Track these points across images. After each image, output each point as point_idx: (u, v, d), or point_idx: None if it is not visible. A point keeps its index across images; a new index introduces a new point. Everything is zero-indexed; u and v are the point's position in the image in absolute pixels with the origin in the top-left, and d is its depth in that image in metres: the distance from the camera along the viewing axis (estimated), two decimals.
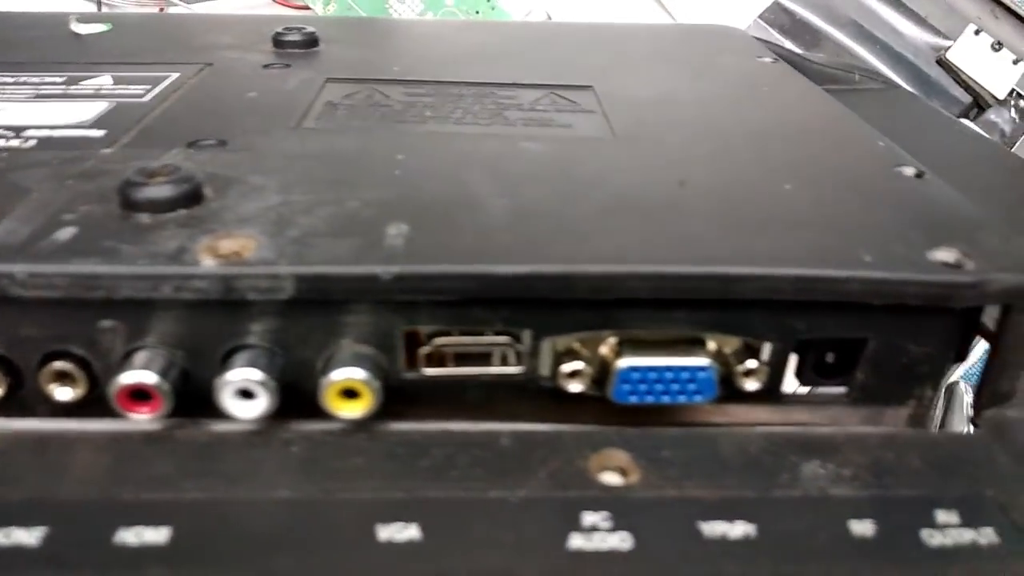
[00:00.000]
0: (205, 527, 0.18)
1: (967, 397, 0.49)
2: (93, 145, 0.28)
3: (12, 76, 0.34)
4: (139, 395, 0.21)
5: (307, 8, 0.63)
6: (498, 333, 0.22)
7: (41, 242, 0.21)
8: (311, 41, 0.40)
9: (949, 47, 0.65)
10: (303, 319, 0.21)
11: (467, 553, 0.18)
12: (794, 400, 0.24)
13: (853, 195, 0.26)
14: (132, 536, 0.18)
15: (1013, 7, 0.65)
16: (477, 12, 0.61)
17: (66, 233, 0.22)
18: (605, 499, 0.20)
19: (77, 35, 0.42)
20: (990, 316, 0.23)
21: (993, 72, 0.64)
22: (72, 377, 0.22)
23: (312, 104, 0.32)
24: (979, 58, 0.64)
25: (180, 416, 0.22)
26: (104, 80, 0.34)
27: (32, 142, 0.28)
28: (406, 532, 0.19)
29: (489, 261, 0.21)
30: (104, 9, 0.71)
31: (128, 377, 0.21)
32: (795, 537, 0.19)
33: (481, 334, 0.22)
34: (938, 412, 0.28)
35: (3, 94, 0.32)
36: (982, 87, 0.64)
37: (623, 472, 0.21)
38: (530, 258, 0.21)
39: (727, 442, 0.22)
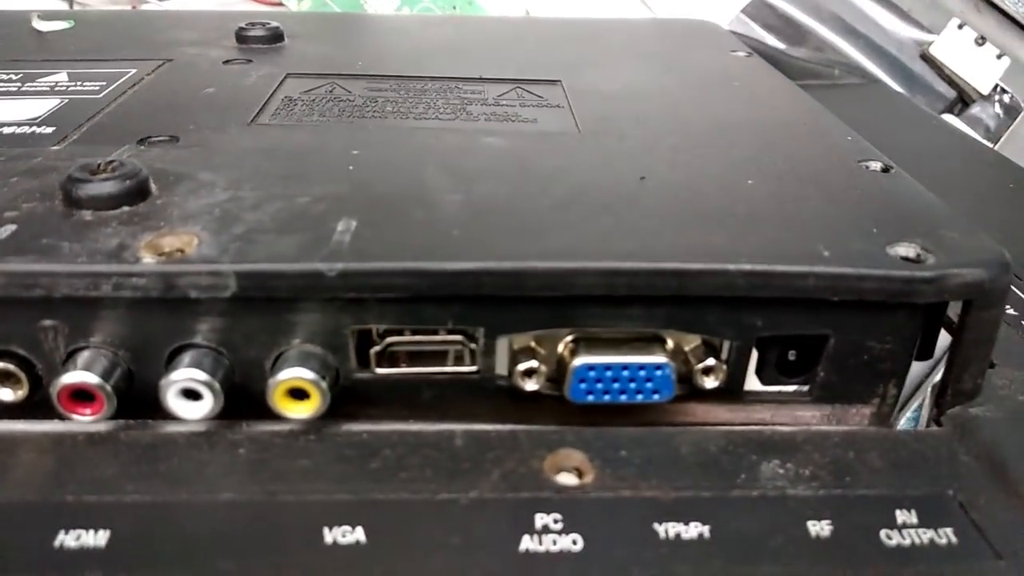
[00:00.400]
0: (145, 530, 0.18)
1: None
2: (42, 142, 0.27)
3: None
4: (82, 396, 0.21)
5: (280, 4, 0.63)
6: (451, 332, 0.22)
7: None
8: (275, 36, 0.40)
9: (932, 42, 0.66)
10: (249, 318, 0.21)
11: (413, 556, 0.18)
12: (755, 398, 0.24)
13: (816, 190, 0.26)
14: (71, 539, 0.18)
15: (996, 1, 0.65)
16: (454, 7, 0.61)
17: (5, 231, 0.21)
18: (558, 500, 0.20)
19: (39, 32, 0.42)
20: (955, 311, 0.23)
21: (977, 67, 0.64)
22: (14, 377, 0.22)
23: (269, 99, 0.32)
24: (963, 53, 0.65)
25: (127, 417, 0.22)
26: (60, 77, 0.34)
27: None
28: (352, 535, 0.18)
29: (438, 257, 0.21)
30: (76, 7, 0.71)
31: (70, 378, 0.20)
32: (750, 538, 0.19)
33: (434, 333, 0.22)
34: (924, 413, 0.28)
35: None
36: (966, 82, 0.64)
37: (579, 472, 0.21)
38: (480, 254, 0.21)
39: (685, 441, 0.22)
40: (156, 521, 0.19)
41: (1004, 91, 0.65)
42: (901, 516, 0.20)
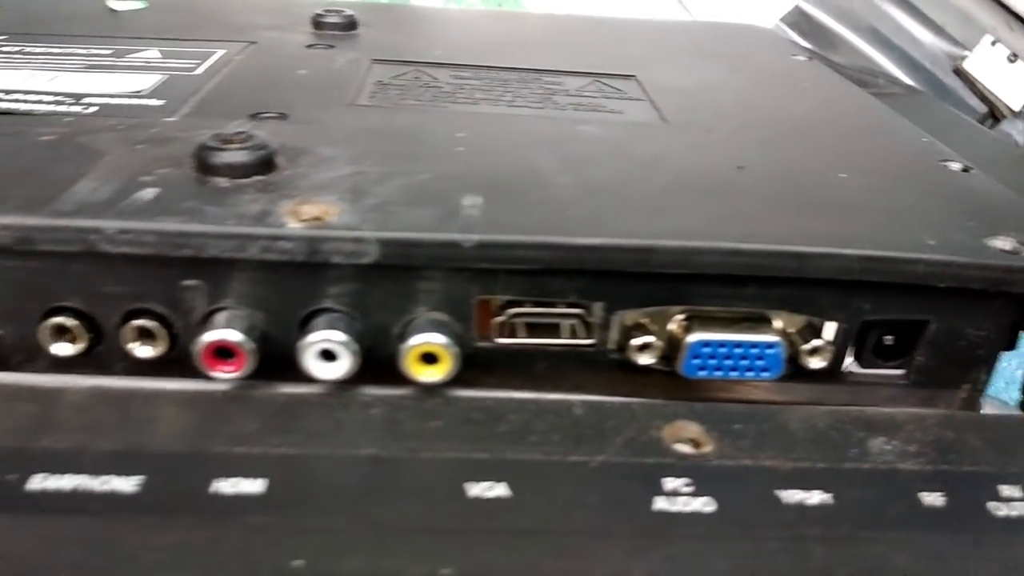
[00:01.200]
0: (299, 479, 0.19)
1: None
2: (155, 113, 0.28)
3: (59, 47, 0.35)
4: (223, 353, 0.22)
5: None
6: (570, 305, 0.23)
7: (125, 201, 0.22)
8: (350, 24, 0.41)
9: (966, 57, 0.67)
10: (383, 285, 0.22)
11: (558, 512, 0.19)
12: (853, 380, 0.25)
13: (906, 185, 0.27)
14: (228, 486, 0.19)
15: None
16: (500, 4, 0.62)
17: (149, 193, 0.22)
18: (683, 466, 0.21)
19: (113, 11, 0.42)
20: None
21: (1009, 83, 0.66)
22: (153, 335, 0.22)
23: (363, 83, 0.33)
24: (995, 69, 0.66)
25: (256, 378, 0.22)
26: (152, 54, 0.35)
27: (93, 108, 0.28)
28: (495, 490, 0.19)
29: (563, 233, 0.22)
30: None
31: (214, 334, 0.21)
32: (870, 506, 0.20)
33: (553, 305, 0.23)
34: None
35: (54, 64, 0.33)
36: (997, 98, 0.66)
37: (695, 443, 0.22)
38: (602, 232, 0.22)
39: (793, 418, 0.23)
40: (307, 472, 0.20)
41: None
42: (1005, 490, 0.21)
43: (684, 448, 0.21)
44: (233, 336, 0.21)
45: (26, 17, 0.40)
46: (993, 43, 0.67)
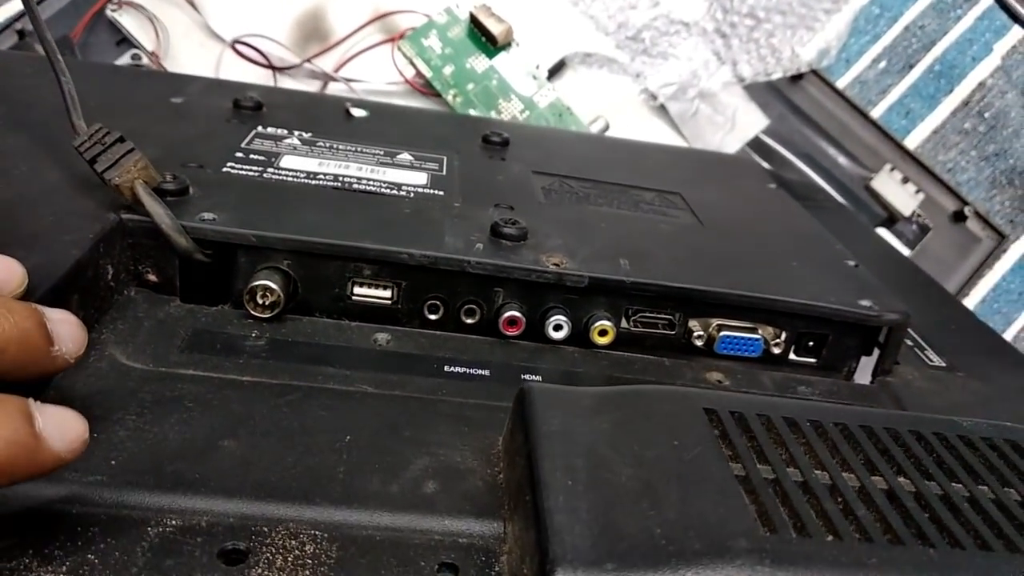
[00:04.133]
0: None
1: None
2: (446, 200, 0.51)
3: (347, 145, 0.57)
4: (511, 322, 0.45)
5: (438, 95, 0.87)
6: (666, 313, 0.47)
7: (472, 249, 0.45)
8: (506, 142, 0.65)
9: (873, 178, 0.93)
10: (583, 299, 0.46)
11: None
12: (791, 362, 0.49)
13: (826, 271, 0.52)
14: (529, 376, 0.42)
15: (915, 155, 0.93)
16: (560, 116, 0.86)
17: (480, 246, 0.46)
18: (718, 388, 0.44)
19: (350, 116, 0.65)
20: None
21: (901, 197, 0.92)
22: (474, 313, 0.46)
23: (535, 187, 0.57)
24: (892, 187, 0.92)
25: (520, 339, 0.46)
26: (407, 156, 0.58)
27: (412, 195, 0.51)
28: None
29: (669, 280, 0.46)
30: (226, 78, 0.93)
31: (510, 313, 0.45)
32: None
33: (659, 313, 0.47)
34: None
35: (359, 159, 0.56)
36: (894, 207, 0.92)
37: (720, 381, 0.45)
38: (688, 281, 0.46)
39: (764, 375, 0.47)
40: (569, 376, 0.43)
41: (919, 216, 0.92)
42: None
43: (715, 381, 0.45)
44: (518, 314, 0.45)
45: (301, 115, 0.61)
46: (891, 169, 0.93)
